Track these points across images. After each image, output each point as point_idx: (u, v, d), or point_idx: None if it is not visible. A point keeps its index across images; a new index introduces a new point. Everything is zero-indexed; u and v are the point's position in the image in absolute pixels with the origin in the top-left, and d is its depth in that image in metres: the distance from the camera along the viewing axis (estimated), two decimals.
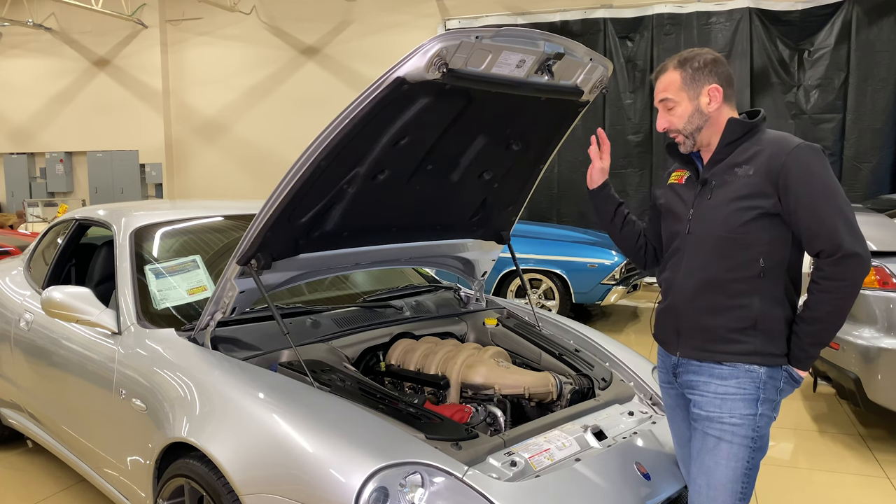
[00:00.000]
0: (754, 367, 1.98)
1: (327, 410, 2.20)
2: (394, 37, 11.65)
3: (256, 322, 2.72)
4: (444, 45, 2.02)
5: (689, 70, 2.02)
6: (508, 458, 2.16)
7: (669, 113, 2.06)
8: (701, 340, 2.03)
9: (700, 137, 2.05)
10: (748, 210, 1.94)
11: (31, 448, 4.01)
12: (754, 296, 1.96)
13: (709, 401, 2.02)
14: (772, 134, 2.01)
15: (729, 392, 1.99)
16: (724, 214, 1.97)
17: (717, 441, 2.00)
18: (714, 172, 2.02)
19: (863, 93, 8.85)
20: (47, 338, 3.22)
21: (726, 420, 1.99)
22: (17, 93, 14.47)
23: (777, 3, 9.14)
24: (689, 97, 2.02)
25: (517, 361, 3.01)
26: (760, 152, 1.95)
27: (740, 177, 1.96)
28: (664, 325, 2.15)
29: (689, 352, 2.07)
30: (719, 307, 1.99)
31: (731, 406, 1.99)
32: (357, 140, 2.19)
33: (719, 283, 1.99)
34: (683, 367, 2.10)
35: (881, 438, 4.27)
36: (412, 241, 2.98)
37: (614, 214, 2.37)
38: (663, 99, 2.06)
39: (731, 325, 1.98)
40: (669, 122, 2.07)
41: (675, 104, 2.04)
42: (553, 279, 7.11)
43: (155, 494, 2.43)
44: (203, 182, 13.49)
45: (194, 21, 13.19)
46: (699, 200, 2.05)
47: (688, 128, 2.04)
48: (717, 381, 2.01)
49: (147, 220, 3.21)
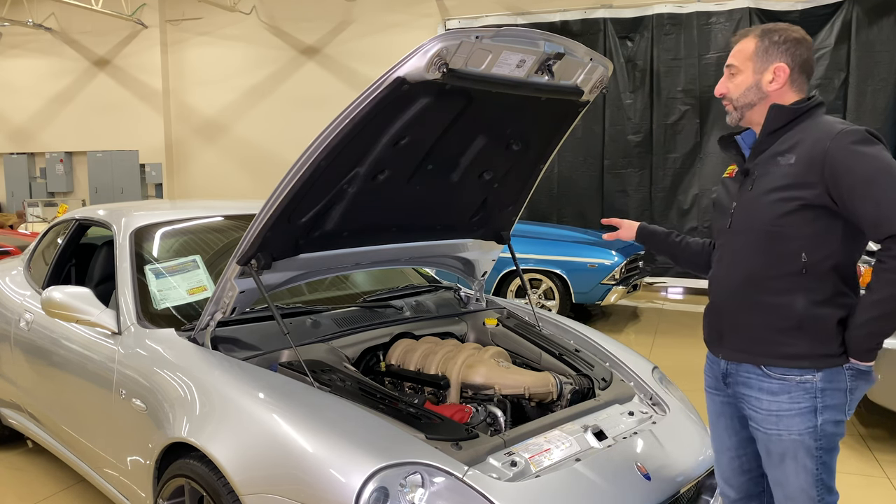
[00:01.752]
0: (806, 376, 1.86)
1: (327, 410, 2.20)
2: (394, 37, 11.65)
3: (256, 322, 2.72)
4: (445, 45, 2.02)
5: (765, 41, 1.92)
6: (508, 458, 2.16)
7: (730, 79, 1.97)
8: (742, 341, 1.94)
9: (750, 115, 1.96)
10: (788, 201, 1.83)
11: (31, 448, 4.01)
12: (797, 294, 1.85)
13: (763, 418, 1.92)
14: (820, 120, 1.89)
15: (782, 409, 1.89)
16: (763, 206, 1.88)
17: (781, 457, 1.91)
18: (757, 163, 1.93)
19: (863, 93, 8.85)
20: (47, 338, 3.21)
21: (785, 437, 1.89)
22: (17, 93, 14.48)
23: (777, 3, 9.14)
24: (755, 70, 1.93)
25: (517, 361, 3.01)
26: (803, 140, 1.85)
27: (781, 166, 1.86)
28: (709, 325, 2.07)
29: (731, 353, 1.98)
30: (760, 305, 1.89)
31: (788, 423, 1.88)
32: (357, 140, 2.19)
33: (759, 279, 1.89)
34: (733, 377, 2.00)
35: (881, 438, 4.27)
36: (412, 241, 2.98)
37: (668, 245, 2.33)
38: (729, 64, 1.97)
39: (773, 325, 1.88)
40: (726, 88, 1.98)
41: (738, 72, 1.95)
42: (553, 279, 7.11)
43: (155, 494, 2.43)
44: (203, 182, 13.50)
45: (194, 21, 13.19)
46: (741, 192, 1.96)
47: (741, 100, 1.95)
48: (767, 396, 1.91)
49: (147, 220, 3.21)
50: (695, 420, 2.71)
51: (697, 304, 8.90)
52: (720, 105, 8.44)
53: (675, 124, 9.59)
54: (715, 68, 9.35)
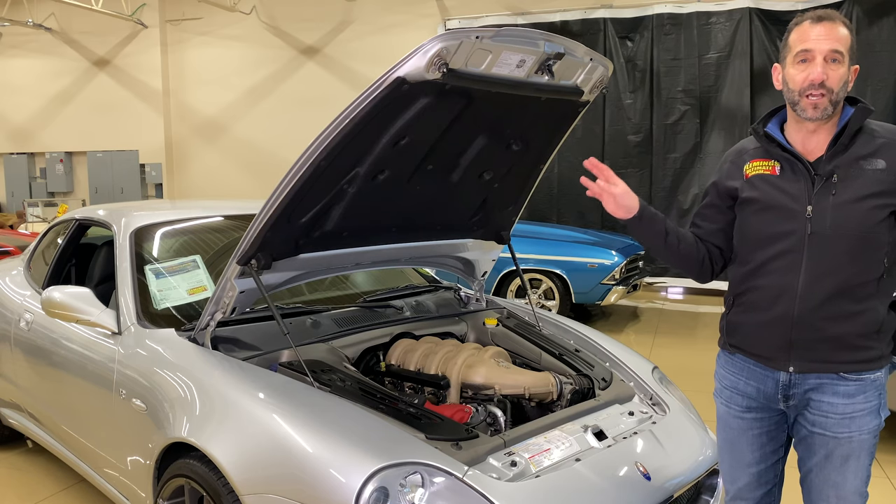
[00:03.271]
0: (877, 373, 1.88)
1: (327, 410, 2.20)
2: (394, 37, 11.65)
3: (256, 322, 2.72)
4: (445, 45, 2.02)
5: (852, 36, 1.83)
6: (508, 458, 2.16)
7: (832, 68, 1.80)
8: (824, 351, 1.86)
9: (836, 111, 1.84)
10: (883, 208, 1.80)
11: (31, 448, 4.01)
12: (877, 299, 1.85)
13: (836, 422, 1.89)
14: (880, 125, 1.88)
15: (857, 410, 1.88)
16: (860, 213, 1.80)
17: (846, 458, 1.90)
18: (837, 165, 1.84)
19: (863, 93, 8.83)
20: (47, 338, 3.21)
21: (855, 438, 1.89)
22: (17, 93, 14.47)
23: (777, 3, 9.14)
24: (849, 63, 1.83)
25: (517, 361, 3.01)
26: (886, 145, 1.82)
27: (868, 171, 1.81)
28: (768, 339, 1.92)
29: (805, 365, 1.89)
30: (848, 314, 1.84)
31: (860, 423, 1.88)
32: (357, 140, 2.19)
33: (850, 287, 1.83)
34: (799, 387, 1.91)
35: (881, 438, 4.24)
36: (412, 241, 2.98)
37: (666, 234, 2.05)
38: (837, 50, 1.79)
39: (859, 332, 1.84)
40: (829, 76, 1.79)
41: (842, 63, 1.80)
42: (553, 279, 7.11)
43: (155, 494, 2.43)
44: (203, 182, 13.49)
45: (194, 21, 13.19)
46: (820, 196, 1.84)
47: (839, 94, 1.82)
48: (843, 400, 1.88)
49: (147, 220, 3.21)
50: (695, 420, 2.71)
51: (698, 304, 8.90)
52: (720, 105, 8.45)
53: (675, 124, 9.59)
54: (715, 68, 9.36)
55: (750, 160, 1.98)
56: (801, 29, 1.85)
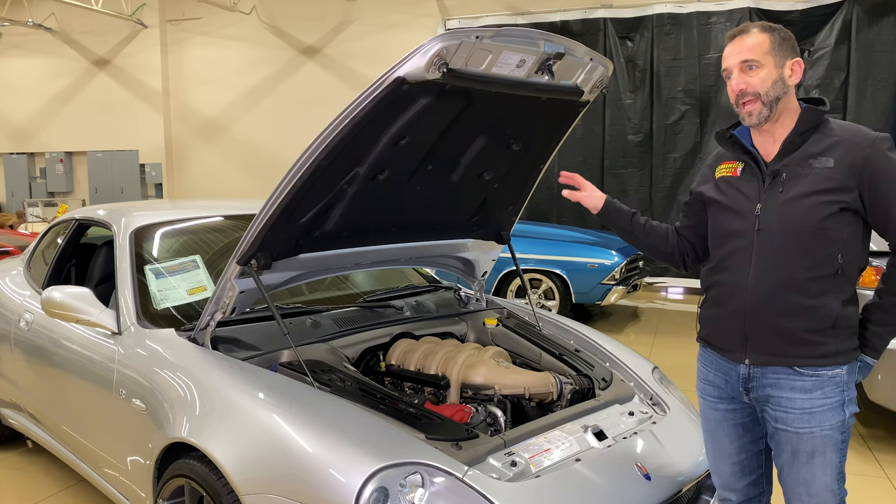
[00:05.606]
0: (836, 370, 1.91)
1: (327, 410, 2.20)
2: (394, 37, 11.64)
3: (256, 322, 2.72)
4: (445, 45, 2.02)
5: (777, 36, 1.91)
6: (509, 458, 2.16)
7: (749, 74, 1.89)
8: (777, 345, 1.92)
9: (777, 110, 1.91)
10: (830, 204, 1.85)
11: (31, 448, 4.01)
12: (832, 295, 1.89)
13: (796, 417, 1.92)
14: (840, 123, 1.93)
15: (815, 405, 1.91)
16: (805, 209, 1.86)
17: (810, 455, 1.93)
18: (786, 164, 1.91)
19: (863, 93, 8.84)
20: (47, 338, 3.21)
21: (817, 434, 1.91)
22: (17, 93, 14.47)
23: (777, 3, 9.13)
24: (775, 63, 1.89)
25: (517, 361, 3.01)
26: (837, 144, 1.87)
27: (817, 169, 1.86)
28: (725, 332, 2.01)
29: (760, 358, 1.95)
30: (799, 308, 1.89)
31: (820, 419, 1.91)
32: (357, 140, 2.19)
33: (798, 282, 1.88)
34: (758, 381, 1.97)
35: (881, 438, 4.27)
36: (412, 241, 2.98)
37: (631, 226, 2.27)
38: (747, 60, 1.90)
39: (810, 327, 1.89)
40: (748, 83, 1.89)
41: (760, 67, 1.89)
42: (553, 279, 7.11)
43: (155, 494, 2.43)
44: (203, 182, 13.49)
45: (194, 21, 13.19)
46: (769, 194, 1.92)
47: (770, 94, 1.89)
48: (801, 395, 1.92)
49: (147, 220, 3.21)
50: (695, 420, 2.71)
51: (697, 304, 8.89)
52: (720, 105, 8.47)
53: (676, 124, 9.58)
54: (715, 68, 9.34)
55: (721, 163, 2.09)
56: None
